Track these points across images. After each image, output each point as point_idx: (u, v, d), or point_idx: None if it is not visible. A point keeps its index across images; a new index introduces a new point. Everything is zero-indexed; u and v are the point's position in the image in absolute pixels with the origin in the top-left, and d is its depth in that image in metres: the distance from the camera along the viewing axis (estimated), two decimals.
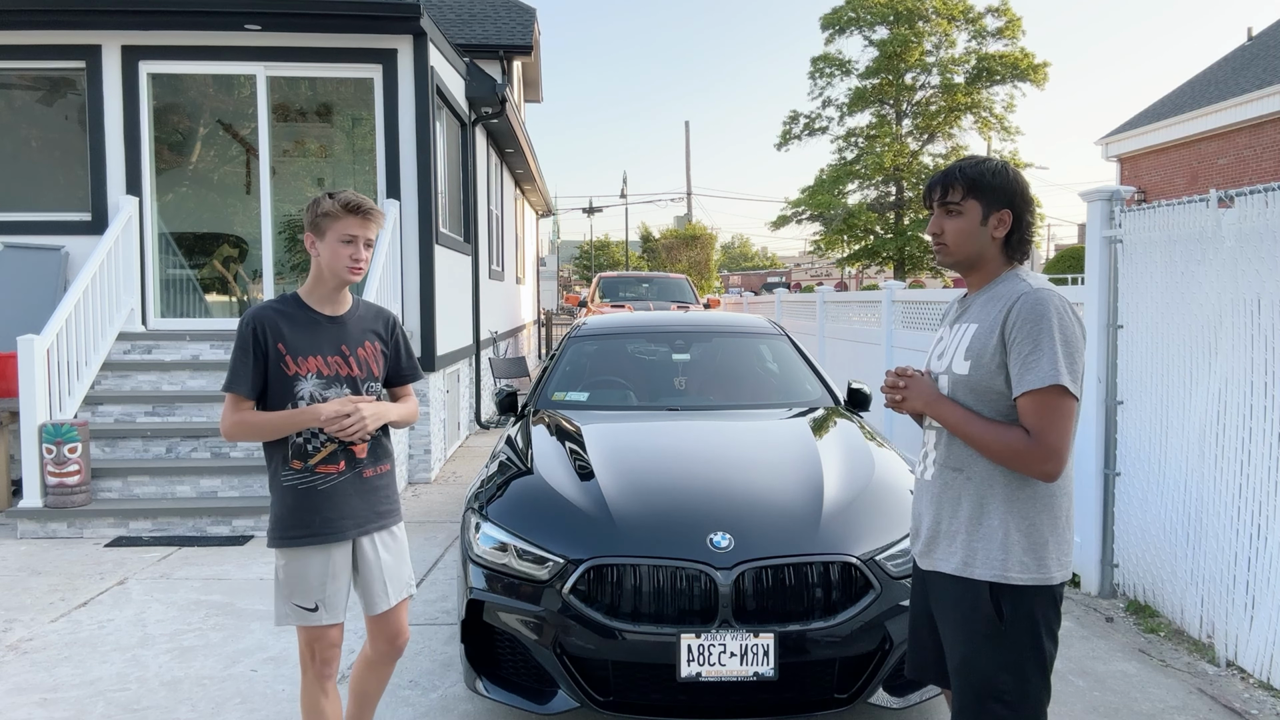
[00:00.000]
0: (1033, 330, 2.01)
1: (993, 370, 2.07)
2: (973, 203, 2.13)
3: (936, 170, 2.27)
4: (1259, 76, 16.60)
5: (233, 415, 2.55)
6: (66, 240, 7.79)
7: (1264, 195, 3.75)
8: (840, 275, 54.33)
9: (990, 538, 2.09)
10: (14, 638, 4.37)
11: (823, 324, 10.81)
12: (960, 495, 2.14)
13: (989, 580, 2.07)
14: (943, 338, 2.28)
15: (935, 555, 2.20)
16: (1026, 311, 2.03)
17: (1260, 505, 3.78)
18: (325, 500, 2.60)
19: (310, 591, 2.60)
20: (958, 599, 2.13)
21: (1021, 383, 2.02)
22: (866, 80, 32.09)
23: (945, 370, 2.18)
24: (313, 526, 2.59)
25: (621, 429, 4.28)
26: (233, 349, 2.57)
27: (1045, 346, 2.00)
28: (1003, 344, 2.05)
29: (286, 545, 2.60)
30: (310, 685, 2.67)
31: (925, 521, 2.24)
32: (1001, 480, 2.09)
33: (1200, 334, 4.17)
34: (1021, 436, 2.01)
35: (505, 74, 13.41)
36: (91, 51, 7.77)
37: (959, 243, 2.16)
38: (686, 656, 2.93)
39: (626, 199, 41.74)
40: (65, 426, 6.12)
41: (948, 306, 2.41)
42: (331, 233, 2.56)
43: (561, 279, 43.44)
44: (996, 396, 2.08)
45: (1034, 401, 2.00)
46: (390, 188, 7.94)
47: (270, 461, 2.64)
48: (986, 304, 2.16)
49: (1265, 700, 3.63)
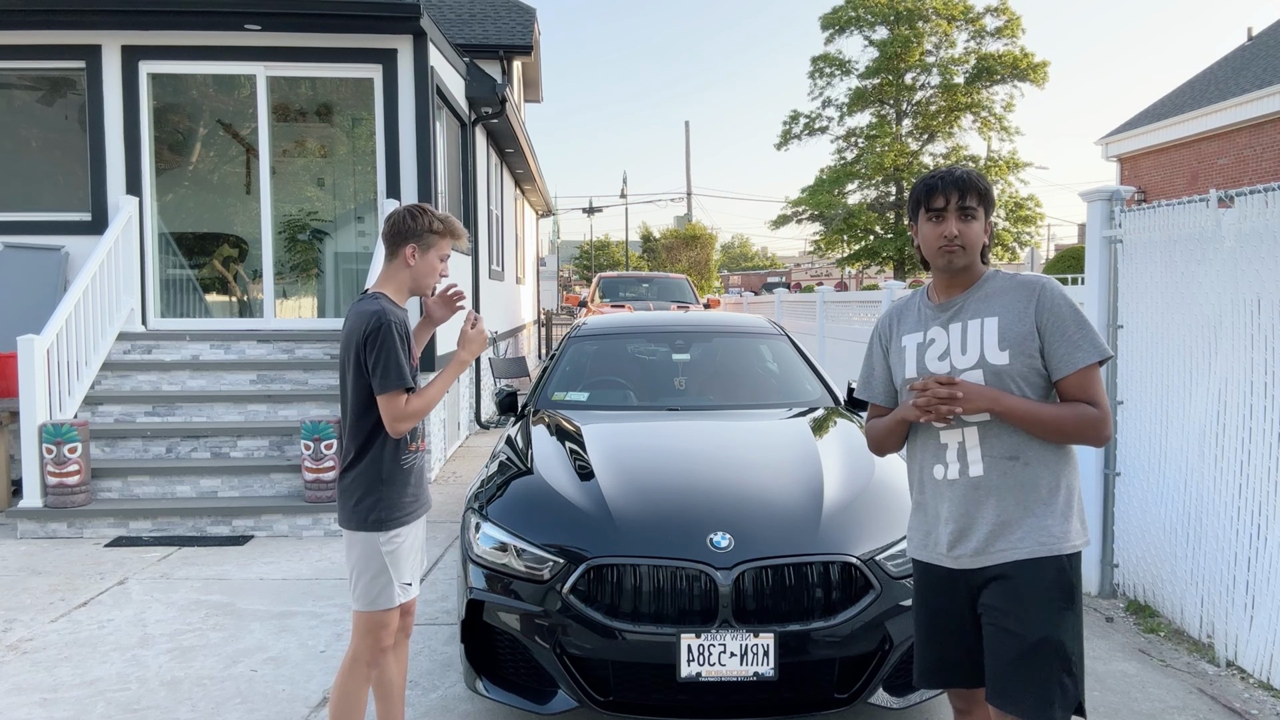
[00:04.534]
0: (1071, 312, 2.19)
1: (1033, 354, 2.19)
2: (982, 210, 2.25)
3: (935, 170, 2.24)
4: (1259, 76, 16.60)
5: (403, 407, 2.67)
6: (66, 240, 7.79)
7: (1264, 195, 3.75)
8: (840, 275, 54.34)
9: (1061, 514, 2.20)
10: (14, 638, 4.37)
11: (823, 324, 10.81)
12: (1024, 481, 2.20)
13: (1066, 553, 2.18)
14: (935, 340, 2.29)
15: (997, 548, 2.20)
16: (1058, 297, 2.21)
17: (1260, 505, 3.78)
18: (422, 475, 2.88)
19: (411, 567, 2.80)
20: (1033, 581, 2.16)
21: (1072, 360, 2.17)
22: (866, 80, 32.07)
23: (975, 365, 2.22)
24: (420, 500, 2.86)
25: (621, 429, 4.28)
26: (393, 348, 2.66)
27: (1084, 326, 2.19)
28: (1037, 330, 2.19)
29: (403, 523, 2.76)
30: (360, 680, 2.80)
31: (981, 519, 2.22)
32: (1056, 459, 2.21)
33: (1200, 334, 4.17)
34: (1091, 410, 2.16)
35: (505, 74, 13.41)
36: (91, 51, 7.77)
37: (973, 246, 2.25)
38: (686, 656, 2.93)
39: (626, 199, 41.74)
40: (65, 426, 6.12)
41: (895, 315, 2.44)
42: (434, 250, 2.83)
43: (561, 279, 43.43)
44: (1036, 378, 2.20)
45: (1089, 375, 2.17)
46: (390, 188, 7.94)
47: (378, 449, 2.73)
48: (990, 298, 2.25)
49: (1265, 700, 3.63)
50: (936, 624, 2.34)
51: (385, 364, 2.64)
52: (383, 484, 2.74)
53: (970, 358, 2.23)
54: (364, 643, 2.77)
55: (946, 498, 2.28)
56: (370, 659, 2.79)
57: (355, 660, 2.79)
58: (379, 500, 2.73)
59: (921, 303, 2.39)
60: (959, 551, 2.25)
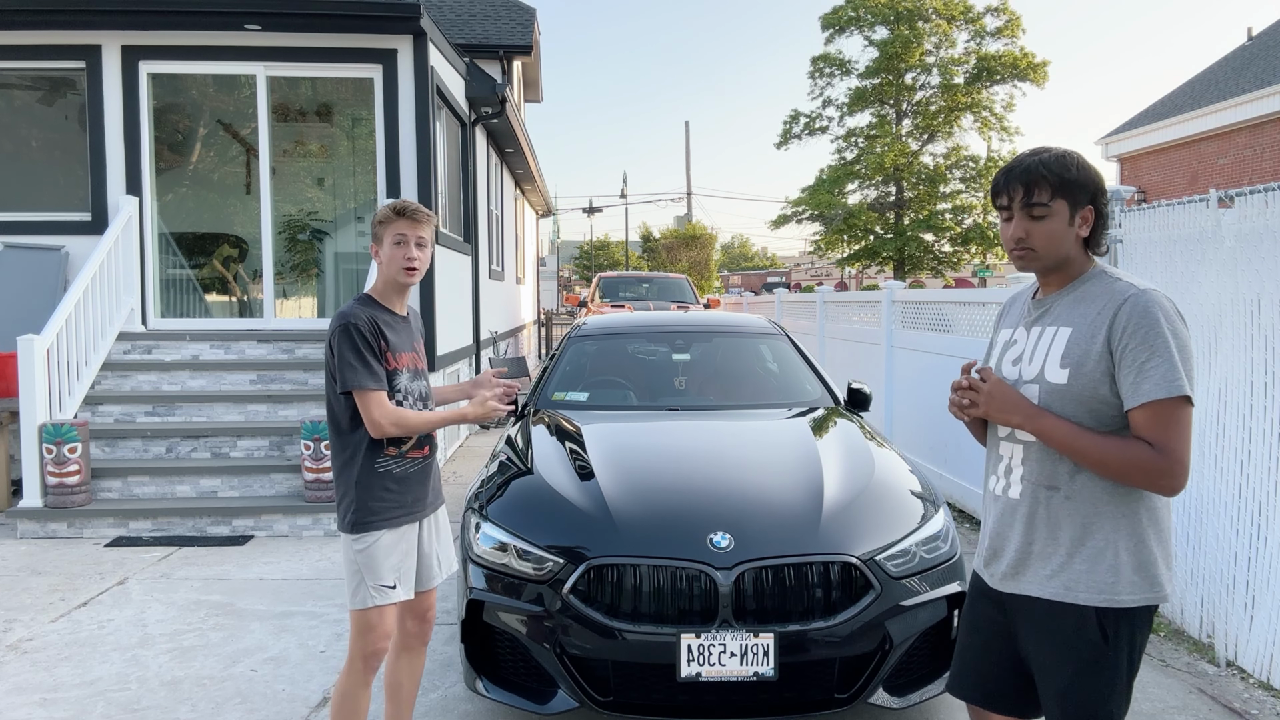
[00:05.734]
0: (1148, 335, 1.86)
1: (1097, 378, 1.91)
2: (1061, 202, 1.96)
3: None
4: (1259, 76, 16.60)
5: (384, 410, 2.67)
6: (66, 240, 7.79)
7: (1264, 195, 3.75)
8: (840, 275, 54.33)
9: (1097, 560, 1.94)
10: (14, 638, 4.37)
11: (823, 324, 10.81)
12: (1059, 516, 1.98)
13: (1096, 606, 1.93)
14: (1017, 341, 2.09)
15: (1024, 578, 2.03)
16: (1139, 315, 1.87)
17: (1260, 505, 3.78)
18: (413, 482, 2.82)
19: (391, 571, 2.75)
20: (1056, 625, 1.98)
21: (1139, 393, 1.86)
22: (866, 80, 32.05)
23: (1034, 379, 2.00)
24: (404, 506, 2.79)
25: (621, 429, 4.28)
26: (346, 350, 2.66)
27: (1162, 352, 1.85)
28: (1108, 349, 1.90)
29: (376, 527, 2.73)
30: (357, 680, 2.78)
31: (1013, 543, 2.06)
32: (1106, 497, 1.95)
33: (1200, 334, 4.17)
34: (1146, 450, 1.85)
35: (505, 74, 13.41)
36: (91, 51, 7.78)
37: (1050, 247, 1.98)
38: (686, 656, 2.93)
39: (626, 199, 41.75)
40: (65, 426, 6.12)
41: (1007, 305, 2.26)
42: (387, 237, 2.76)
43: (561, 279, 43.44)
44: (1101, 405, 1.92)
45: (1156, 412, 1.85)
46: (390, 188, 7.94)
47: (351, 450, 2.74)
48: (1075, 304, 2.00)
49: (1265, 700, 3.63)
50: (972, 636, 2.22)
51: (340, 364, 2.66)
52: (356, 486, 2.73)
53: (1033, 369, 2.01)
54: (355, 643, 2.77)
55: (993, 512, 2.14)
56: (363, 660, 2.77)
57: (350, 660, 2.79)
58: (353, 502, 2.73)
59: (1028, 296, 2.16)
60: (993, 570, 2.12)
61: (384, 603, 2.75)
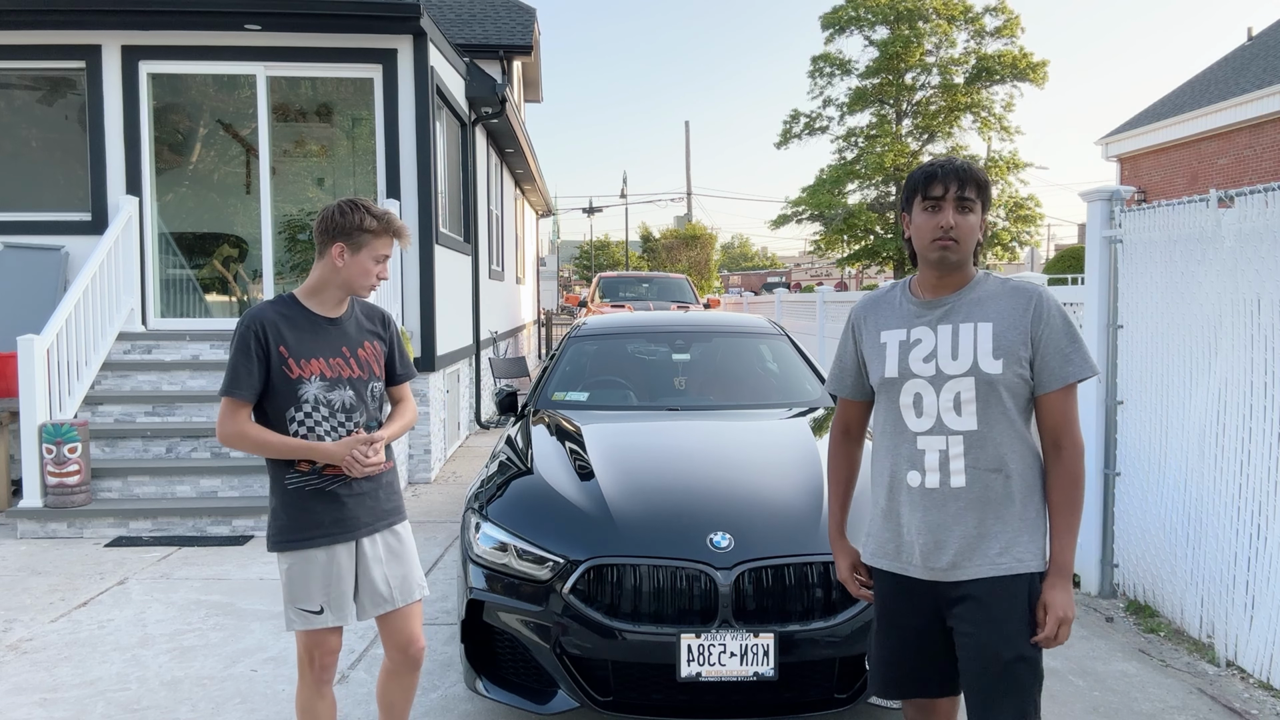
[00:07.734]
0: (1067, 326, 2.12)
1: (1024, 366, 2.12)
2: (979, 203, 2.14)
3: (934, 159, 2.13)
4: (1259, 76, 16.60)
5: (232, 422, 2.50)
6: (66, 240, 7.79)
7: (1264, 195, 3.75)
8: (840, 275, 54.34)
9: (1034, 529, 2.14)
10: (14, 638, 4.37)
11: (823, 324, 10.81)
12: (1006, 495, 2.12)
13: (1037, 571, 2.12)
14: (921, 340, 2.17)
15: (973, 562, 2.12)
16: (1055, 309, 2.12)
17: (1260, 505, 3.78)
18: (333, 501, 2.59)
19: (315, 594, 2.58)
20: (1009, 598, 2.09)
21: (1063, 374, 2.10)
22: (866, 80, 32.07)
23: (967, 371, 2.11)
24: (322, 527, 2.58)
25: (621, 429, 4.29)
26: (231, 351, 2.51)
27: (1078, 339, 2.12)
28: (1029, 340, 2.11)
29: (292, 548, 2.57)
30: (307, 688, 2.67)
31: (958, 531, 2.12)
32: (1034, 472, 2.17)
33: (1200, 334, 4.18)
34: (1075, 462, 2.12)
35: (505, 74, 13.41)
36: (91, 51, 7.77)
37: (968, 241, 2.13)
38: (686, 656, 2.93)
39: (626, 199, 41.74)
40: (65, 426, 6.12)
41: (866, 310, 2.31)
42: (367, 250, 2.58)
43: (561, 279, 43.42)
44: (1020, 388, 2.13)
45: (1068, 394, 2.12)
46: (390, 188, 7.94)
47: (272, 464, 2.60)
48: (983, 302, 2.15)
49: (1265, 700, 3.63)
50: (903, 635, 2.24)
51: (227, 368, 2.53)
52: (276, 503, 2.60)
53: (962, 364, 2.12)
54: (299, 657, 2.65)
55: (921, 506, 2.16)
56: (311, 673, 2.63)
57: (299, 673, 2.67)
58: (272, 519, 2.60)
59: (903, 297, 2.25)
60: (934, 564, 2.15)
61: (307, 628, 2.59)
